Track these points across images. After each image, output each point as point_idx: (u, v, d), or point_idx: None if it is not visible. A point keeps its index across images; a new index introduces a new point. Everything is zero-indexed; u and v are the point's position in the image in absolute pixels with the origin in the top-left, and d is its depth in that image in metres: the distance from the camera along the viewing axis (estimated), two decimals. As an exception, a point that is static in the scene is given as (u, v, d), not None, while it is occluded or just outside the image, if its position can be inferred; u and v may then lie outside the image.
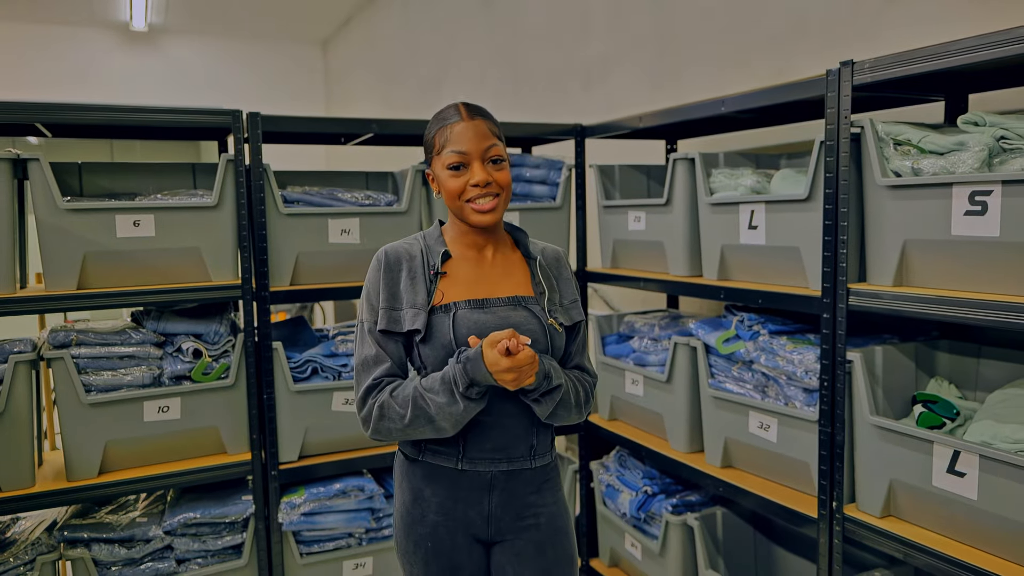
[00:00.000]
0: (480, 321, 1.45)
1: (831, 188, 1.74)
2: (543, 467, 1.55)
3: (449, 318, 1.45)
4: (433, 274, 1.49)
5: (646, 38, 3.23)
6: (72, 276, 2.14)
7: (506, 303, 1.49)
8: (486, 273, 1.52)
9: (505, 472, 1.49)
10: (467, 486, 1.49)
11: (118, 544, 2.26)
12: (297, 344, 2.58)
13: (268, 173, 2.32)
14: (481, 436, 1.48)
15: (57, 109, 2.10)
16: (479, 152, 1.44)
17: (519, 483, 1.51)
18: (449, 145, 1.45)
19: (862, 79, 1.66)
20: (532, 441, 1.51)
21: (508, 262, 1.55)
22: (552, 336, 1.49)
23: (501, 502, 1.50)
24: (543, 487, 1.55)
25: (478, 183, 1.43)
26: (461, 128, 1.44)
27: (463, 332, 1.44)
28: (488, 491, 1.50)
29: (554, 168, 2.78)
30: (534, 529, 1.53)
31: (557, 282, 1.59)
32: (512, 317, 1.47)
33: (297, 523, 2.39)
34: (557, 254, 1.63)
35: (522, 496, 1.52)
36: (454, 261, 1.53)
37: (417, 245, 1.54)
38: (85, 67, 6.75)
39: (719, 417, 2.21)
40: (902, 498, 1.70)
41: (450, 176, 1.45)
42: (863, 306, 1.70)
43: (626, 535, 2.58)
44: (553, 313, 1.52)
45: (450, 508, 1.50)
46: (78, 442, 2.19)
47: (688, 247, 2.33)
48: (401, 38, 5.79)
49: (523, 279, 1.55)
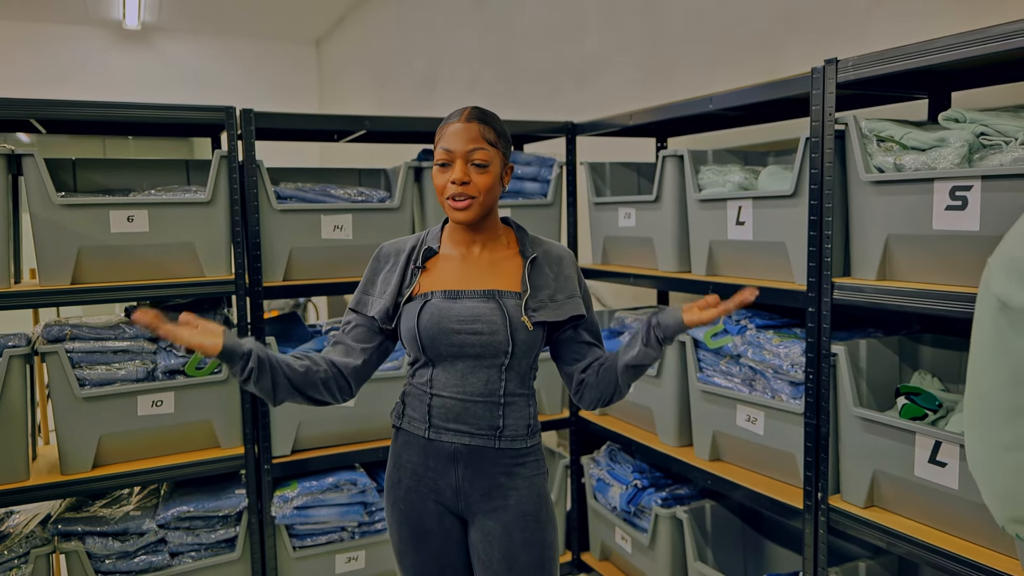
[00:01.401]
0: (444, 309, 1.53)
1: (816, 184, 1.77)
2: (514, 450, 1.57)
3: (419, 305, 1.54)
4: (414, 267, 1.59)
5: (638, 37, 3.26)
6: (66, 271, 2.16)
7: (478, 296, 1.55)
8: (470, 268, 1.59)
9: (467, 447, 1.55)
10: (434, 455, 1.56)
11: (112, 537, 2.28)
12: (290, 340, 2.60)
13: (261, 169, 2.34)
14: (444, 409, 1.55)
15: (51, 105, 2.12)
16: (463, 153, 1.50)
17: (484, 461, 1.55)
18: (441, 142, 1.53)
19: (846, 77, 1.69)
20: (498, 423, 1.55)
21: (497, 259, 1.60)
22: (515, 331, 1.52)
23: (468, 476, 1.55)
24: (514, 471, 1.57)
25: (455, 180, 1.50)
26: (454, 128, 1.52)
27: (426, 318, 1.52)
28: (454, 463, 1.56)
29: (545, 165, 2.80)
30: (502, 511, 1.56)
31: (554, 280, 1.61)
32: (476, 308, 1.53)
33: (290, 517, 2.41)
34: (561, 254, 1.65)
35: (490, 476, 1.56)
36: (442, 257, 1.60)
37: (413, 241, 1.63)
38: (78, 65, 6.74)
39: (707, 411, 2.24)
40: (885, 488, 1.73)
41: (437, 172, 1.54)
42: (847, 300, 1.73)
43: (616, 528, 2.61)
44: (531, 310, 1.55)
45: (422, 474, 1.58)
46: (72, 436, 2.20)
47: (677, 243, 2.36)
48: (395, 37, 5.80)
49: (511, 275, 1.59)
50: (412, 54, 5.47)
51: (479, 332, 1.51)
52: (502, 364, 1.54)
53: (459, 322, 1.52)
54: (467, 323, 1.52)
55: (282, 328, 2.67)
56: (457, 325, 1.52)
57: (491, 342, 1.52)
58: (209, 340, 1.41)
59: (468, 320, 1.52)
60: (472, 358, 1.53)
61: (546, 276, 1.60)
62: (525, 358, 1.57)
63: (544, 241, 1.66)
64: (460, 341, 1.52)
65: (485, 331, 1.52)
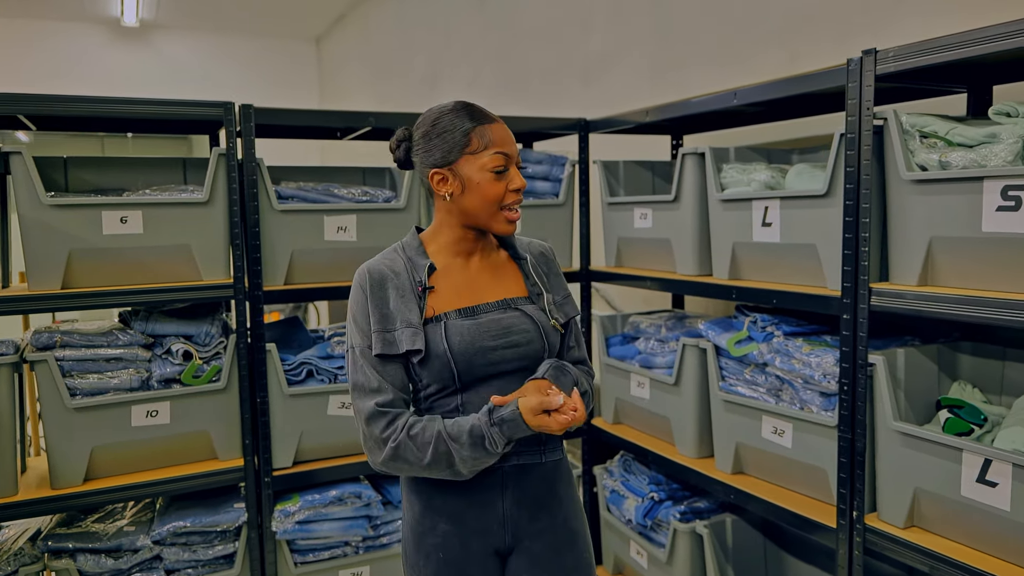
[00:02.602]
0: (471, 327, 1.41)
1: (852, 183, 1.66)
2: (555, 463, 1.50)
3: (440, 329, 1.40)
4: (421, 290, 1.43)
5: (646, 33, 3.15)
6: (56, 275, 2.05)
7: (496, 307, 1.46)
8: (473, 279, 1.48)
9: (517, 467, 1.45)
10: (479, 487, 1.43)
11: (105, 554, 2.17)
12: (291, 345, 2.50)
13: (261, 168, 2.24)
14: None
15: (40, 100, 2.01)
16: (516, 157, 1.42)
17: (532, 479, 1.46)
18: (494, 146, 1.39)
19: (885, 68, 1.58)
20: (540, 435, 1.46)
21: (494, 265, 1.51)
22: (547, 335, 1.46)
23: (515, 500, 1.45)
24: (556, 485, 1.50)
25: (518, 188, 1.41)
26: (502, 130, 1.41)
27: (456, 339, 1.40)
28: (501, 490, 1.45)
29: (557, 164, 2.70)
30: (549, 533, 1.47)
31: (547, 279, 1.55)
32: (503, 320, 1.44)
33: (291, 531, 2.30)
34: (543, 250, 1.59)
35: (536, 495, 1.47)
36: (440, 272, 1.46)
37: (399, 260, 1.46)
38: (76, 63, 6.65)
39: (730, 421, 2.13)
40: (927, 508, 1.62)
41: (492, 180, 1.39)
42: (886, 306, 1.62)
43: (631, 542, 2.50)
44: (553, 313, 1.49)
45: (463, 513, 1.44)
46: (62, 448, 2.10)
47: (697, 245, 2.25)
48: (396, 34, 5.70)
49: (513, 280, 1.51)
50: (413, 51, 5.37)
51: (516, 344, 1.43)
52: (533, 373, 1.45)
53: (493, 338, 1.41)
54: (501, 337, 1.42)
55: (283, 333, 2.56)
56: (492, 341, 1.41)
57: (529, 352, 1.44)
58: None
59: (501, 333, 1.42)
60: (507, 374, 1.44)
61: (542, 276, 1.54)
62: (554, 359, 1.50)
63: (519, 239, 1.59)
64: (498, 357, 1.42)
65: (522, 341, 1.43)
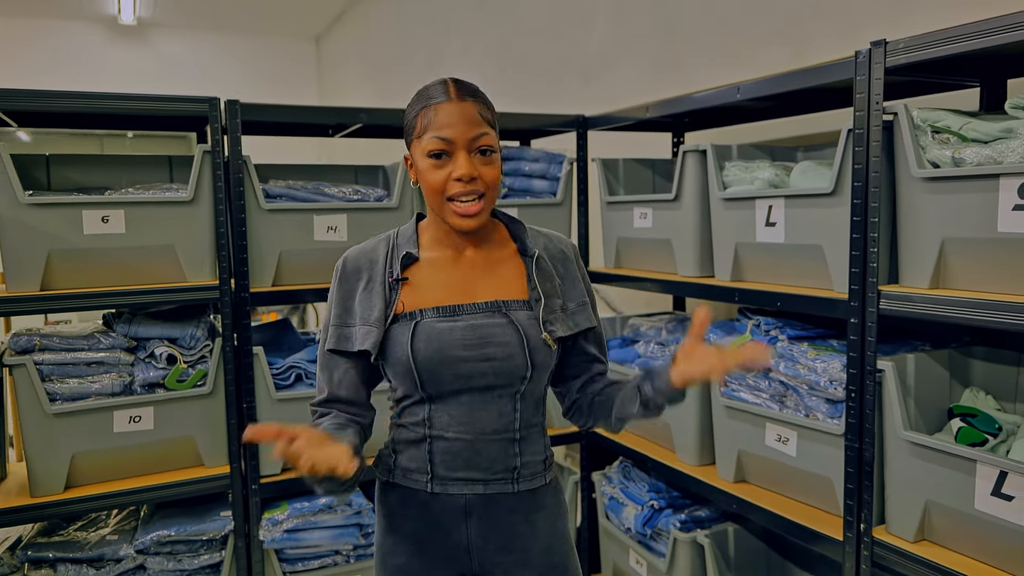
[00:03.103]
0: (444, 332, 1.25)
1: (860, 181, 1.58)
2: (531, 492, 1.34)
3: (408, 329, 1.25)
4: (393, 281, 1.29)
5: (647, 29, 3.07)
6: (35, 276, 1.98)
7: (483, 309, 1.28)
8: (464, 275, 1.31)
9: (482, 496, 1.31)
10: (440, 511, 1.31)
11: (86, 564, 2.10)
12: (281, 348, 2.43)
13: (248, 165, 2.17)
14: (450, 454, 1.29)
15: (17, 96, 1.94)
16: (465, 141, 1.21)
17: (501, 510, 1.32)
18: (432, 129, 1.22)
19: (895, 61, 1.51)
20: (514, 462, 1.31)
21: (493, 260, 1.34)
22: (532, 352, 1.27)
23: (481, 531, 1.32)
24: (535, 516, 1.35)
25: (461, 176, 1.21)
26: (448, 110, 1.22)
27: (422, 345, 1.24)
28: (464, 518, 1.31)
29: (555, 162, 2.63)
30: (523, 567, 1.33)
31: (561, 282, 1.36)
32: (484, 328, 1.26)
33: (280, 540, 2.23)
34: (563, 247, 1.40)
35: (508, 525, 1.33)
36: (425, 263, 1.32)
37: (383, 247, 1.34)
38: (73, 61, 6.59)
39: (732, 428, 2.06)
40: (938, 521, 1.54)
41: (431, 166, 1.23)
42: (895, 310, 1.55)
43: (631, 551, 2.42)
44: (550, 324, 1.30)
45: (424, 539, 1.33)
46: (42, 455, 2.03)
47: (698, 245, 2.18)
48: (395, 31, 5.63)
49: (514, 280, 1.33)
50: (413, 48, 5.30)
51: (491, 357, 1.26)
52: (516, 392, 1.29)
53: (464, 347, 1.25)
54: (475, 347, 1.25)
55: (272, 335, 2.49)
56: (463, 351, 1.25)
57: (506, 368, 1.26)
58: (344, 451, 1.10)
59: (476, 344, 1.25)
60: (481, 390, 1.28)
61: (552, 279, 1.34)
62: (541, 382, 1.34)
63: (541, 233, 1.40)
64: (469, 371, 1.25)
65: (499, 355, 1.26)
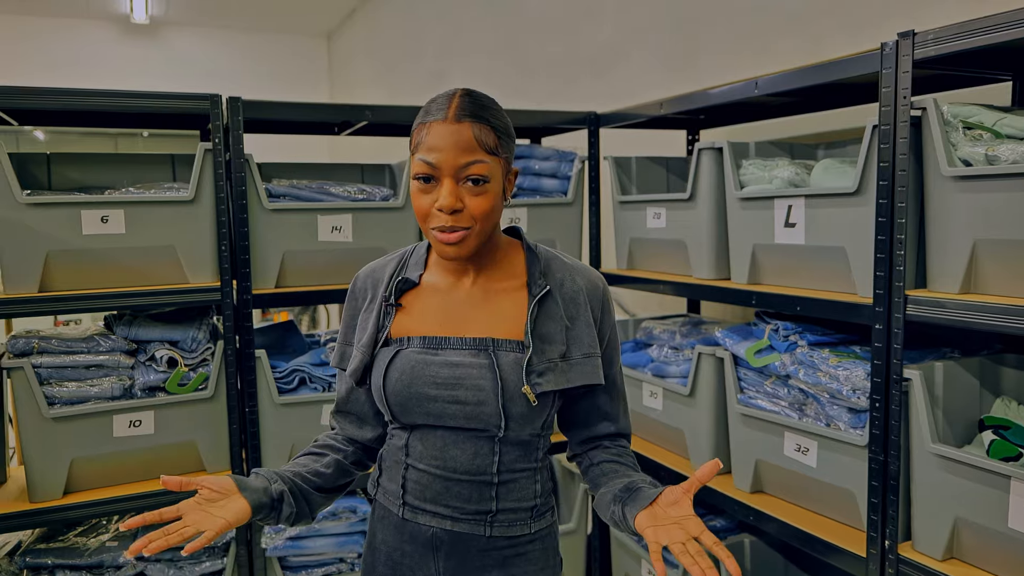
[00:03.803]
0: (418, 366, 1.19)
1: (886, 180, 1.50)
2: (510, 538, 1.24)
3: (387, 357, 1.21)
4: (386, 305, 1.25)
5: (659, 23, 2.99)
6: (33, 277, 1.94)
7: (468, 346, 1.20)
8: (459, 305, 1.24)
9: (449, 532, 1.23)
10: (410, 538, 1.26)
11: (85, 571, 2.06)
12: (284, 351, 2.37)
13: (251, 164, 2.11)
14: (420, 485, 1.24)
15: (14, 93, 1.89)
16: (452, 168, 1.12)
17: (471, 551, 1.23)
18: (421, 150, 1.14)
19: (924, 53, 1.42)
20: (489, 506, 1.22)
21: (494, 291, 1.25)
22: (508, 403, 1.17)
23: (450, 568, 1.24)
24: (512, 562, 1.25)
25: (442, 208, 1.12)
26: (439, 132, 1.12)
27: (394, 376, 1.20)
28: (433, 551, 1.24)
29: (565, 160, 2.55)
30: None
31: (570, 326, 1.23)
32: (460, 367, 1.18)
33: (282, 548, 2.18)
34: (583, 285, 1.27)
35: (478, 568, 1.24)
36: (424, 287, 1.27)
37: (392, 266, 1.30)
38: (86, 60, 6.59)
39: (749, 437, 1.98)
40: (968, 539, 1.46)
41: (418, 189, 1.15)
42: (923, 316, 1.47)
43: (643, 561, 2.35)
44: (535, 374, 1.18)
45: (397, 561, 1.27)
46: (40, 460, 1.98)
47: (714, 247, 2.10)
48: (405, 28, 5.58)
49: (512, 316, 1.23)
50: (423, 45, 5.24)
51: (461, 400, 1.18)
52: (494, 437, 1.21)
53: (435, 386, 1.18)
54: (445, 388, 1.18)
55: (276, 338, 2.44)
56: (432, 390, 1.18)
57: (477, 413, 1.18)
58: (232, 513, 1.10)
59: (447, 384, 1.18)
60: (453, 429, 1.21)
61: (558, 321, 1.22)
62: (527, 428, 1.22)
63: (562, 265, 1.28)
64: (438, 410, 1.19)
65: (469, 400, 1.18)
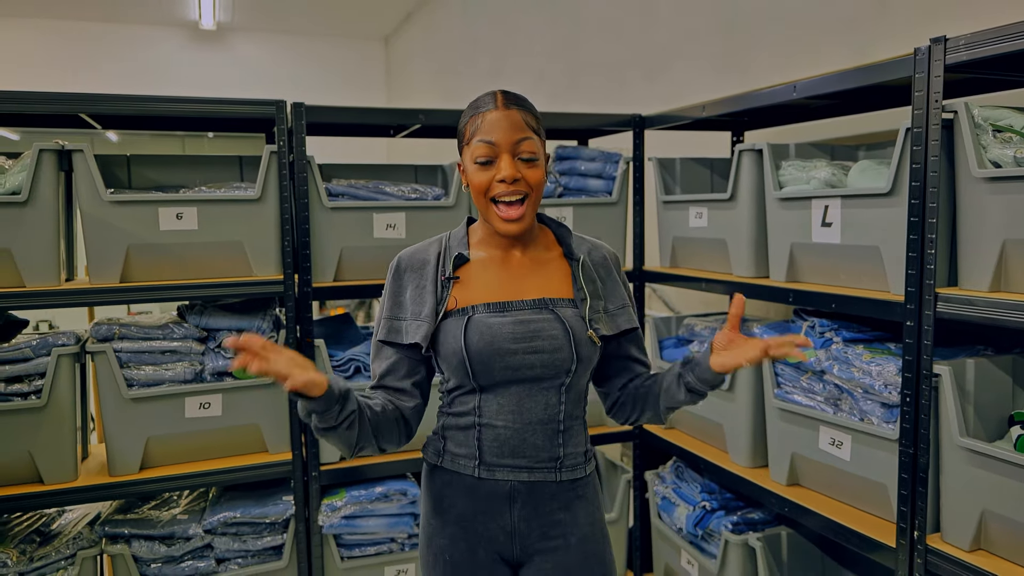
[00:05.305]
0: (495, 326, 1.34)
1: (918, 181, 1.55)
2: (572, 481, 1.42)
3: (462, 323, 1.35)
4: (445, 279, 1.39)
5: (711, 25, 3.04)
6: (115, 269, 2.11)
7: (530, 306, 1.37)
8: (512, 274, 1.41)
9: (526, 483, 1.38)
10: (486, 496, 1.39)
11: (158, 541, 2.23)
12: (341, 342, 2.51)
13: (312, 165, 2.25)
14: (498, 442, 1.37)
15: (97, 100, 2.07)
16: (509, 144, 1.32)
17: (543, 497, 1.39)
18: (479, 135, 1.33)
19: (956, 58, 1.47)
20: (558, 452, 1.39)
21: (540, 261, 1.43)
22: (579, 346, 1.36)
23: (524, 516, 1.39)
24: (574, 504, 1.42)
25: (504, 178, 1.31)
26: (494, 117, 1.32)
27: (475, 338, 1.33)
28: (509, 503, 1.38)
29: (611, 161, 2.63)
30: (563, 551, 1.40)
31: (603, 286, 1.45)
32: (533, 322, 1.35)
33: (338, 526, 2.32)
34: (605, 254, 1.50)
35: (548, 512, 1.40)
36: (475, 263, 1.42)
37: (435, 248, 1.44)
38: (156, 66, 6.89)
39: (785, 430, 2.03)
40: (995, 531, 1.50)
41: (477, 169, 1.34)
42: (953, 313, 1.51)
43: (682, 551, 2.42)
44: (595, 323, 1.39)
45: (470, 520, 1.40)
46: (119, 437, 2.16)
47: (754, 246, 2.16)
48: (460, 31, 5.71)
49: (559, 280, 1.42)
50: (478, 48, 5.36)
51: (539, 350, 1.34)
52: (562, 384, 1.37)
53: (515, 340, 1.33)
54: (524, 340, 1.34)
55: (334, 329, 2.58)
56: (513, 344, 1.33)
57: (553, 361, 1.35)
58: (314, 374, 1.18)
59: (525, 337, 1.34)
60: (529, 381, 1.36)
61: (595, 282, 1.44)
62: (584, 376, 1.41)
63: (586, 240, 1.50)
64: (518, 363, 1.34)
65: (547, 348, 1.34)
